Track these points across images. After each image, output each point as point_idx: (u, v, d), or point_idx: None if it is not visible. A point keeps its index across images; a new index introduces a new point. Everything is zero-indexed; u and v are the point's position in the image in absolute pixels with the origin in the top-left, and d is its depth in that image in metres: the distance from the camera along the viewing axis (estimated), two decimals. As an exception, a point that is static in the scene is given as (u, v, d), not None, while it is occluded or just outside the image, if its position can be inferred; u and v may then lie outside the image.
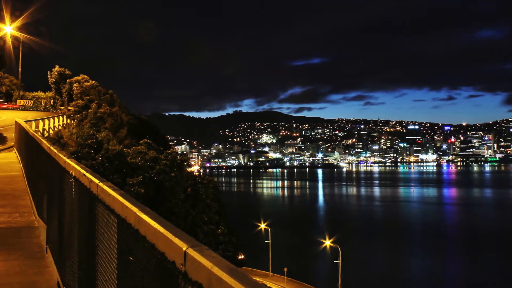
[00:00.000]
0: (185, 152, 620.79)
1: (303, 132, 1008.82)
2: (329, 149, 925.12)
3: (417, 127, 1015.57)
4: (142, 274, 4.89)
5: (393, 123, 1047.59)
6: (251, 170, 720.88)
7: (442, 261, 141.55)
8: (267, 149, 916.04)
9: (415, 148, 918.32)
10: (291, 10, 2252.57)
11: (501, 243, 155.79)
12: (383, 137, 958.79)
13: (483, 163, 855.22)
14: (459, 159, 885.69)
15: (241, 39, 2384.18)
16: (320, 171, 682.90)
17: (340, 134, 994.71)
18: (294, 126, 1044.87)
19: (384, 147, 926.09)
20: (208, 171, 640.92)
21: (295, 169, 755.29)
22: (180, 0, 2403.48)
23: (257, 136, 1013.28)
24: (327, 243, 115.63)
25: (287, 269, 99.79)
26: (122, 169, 64.37)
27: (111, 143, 66.74)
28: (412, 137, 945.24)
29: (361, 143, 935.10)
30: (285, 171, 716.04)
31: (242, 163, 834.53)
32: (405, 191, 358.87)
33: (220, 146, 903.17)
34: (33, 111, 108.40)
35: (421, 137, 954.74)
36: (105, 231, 6.85)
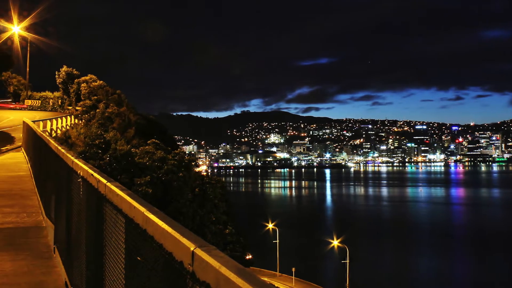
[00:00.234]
0: (193, 152, 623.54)
1: (311, 132, 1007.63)
2: (337, 149, 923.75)
3: (425, 127, 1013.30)
4: (149, 274, 4.88)
5: (401, 123, 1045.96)
6: (259, 170, 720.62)
7: (450, 261, 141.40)
8: (274, 149, 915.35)
9: (422, 148, 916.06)
10: (299, 10, 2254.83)
11: (509, 243, 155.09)
12: (391, 137, 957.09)
13: (491, 163, 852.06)
14: (466, 159, 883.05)
15: (249, 39, 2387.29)
16: (328, 171, 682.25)
17: (347, 134, 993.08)
18: (301, 126, 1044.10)
19: (392, 147, 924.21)
20: (216, 171, 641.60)
21: (302, 169, 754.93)
22: (188, 0, 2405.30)
23: (264, 136, 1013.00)
24: (335, 243, 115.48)
25: (295, 269, 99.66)
26: (130, 169, 64.46)
27: (119, 143, 66.91)
28: (420, 137, 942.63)
29: (368, 143, 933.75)
30: (293, 171, 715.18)
31: (250, 163, 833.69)
32: (413, 191, 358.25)
33: (228, 146, 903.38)
34: (40, 111, 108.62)
35: (429, 137, 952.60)
36: (113, 231, 6.83)
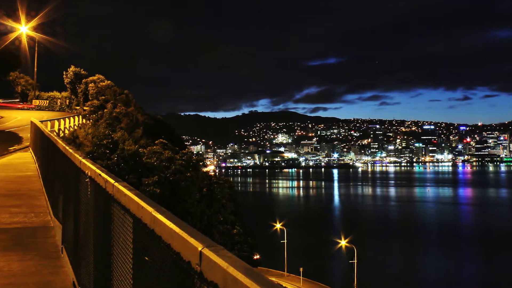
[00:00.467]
0: (200, 152, 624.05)
1: (319, 132, 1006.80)
2: (345, 149, 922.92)
3: (432, 127, 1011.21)
4: (157, 274, 4.86)
5: (409, 123, 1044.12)
6: (267, 170, 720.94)
7: (457, 261, 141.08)
8: (282, 149, 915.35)
9: (430, 148, 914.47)
10: (306, 10, 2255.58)
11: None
12: (398, 137, 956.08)
13: (498, 163, 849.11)
14: (474, 159, 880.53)
15: (257, 39, 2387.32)
16: (335, 171, 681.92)
17: (355, 134, 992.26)
18: (309, 126, 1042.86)
19: (400, 147, 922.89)
20: (223, 171, 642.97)
21: (310, 169, 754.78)
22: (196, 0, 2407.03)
23: (272, 136, 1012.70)
24: (343, 243, 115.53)
25: (302, 269, 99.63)
26: (138, 169, 64.56)
27: (127, 143, 67.03)
28: (427, 137, 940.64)
29: (376, 143, 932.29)
30: (301, 171, 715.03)
31: (258, 163, 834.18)
32: (421, 191, 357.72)
33: (235, 146, 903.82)
34: (48, 111, 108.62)
35: (437, 137, 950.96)
36: (120, 231, 6.82)
